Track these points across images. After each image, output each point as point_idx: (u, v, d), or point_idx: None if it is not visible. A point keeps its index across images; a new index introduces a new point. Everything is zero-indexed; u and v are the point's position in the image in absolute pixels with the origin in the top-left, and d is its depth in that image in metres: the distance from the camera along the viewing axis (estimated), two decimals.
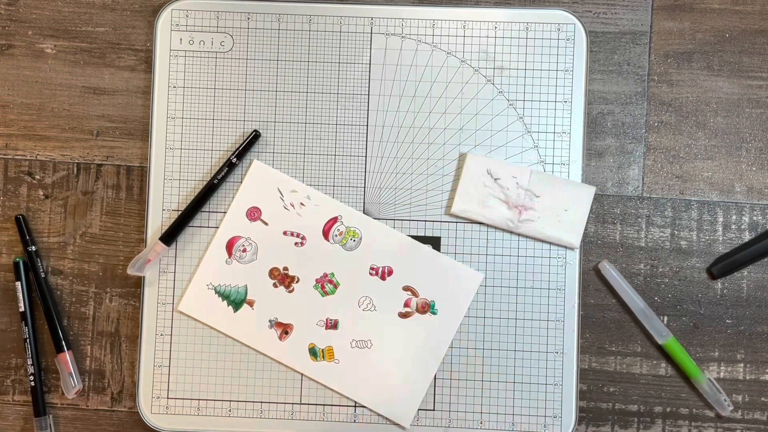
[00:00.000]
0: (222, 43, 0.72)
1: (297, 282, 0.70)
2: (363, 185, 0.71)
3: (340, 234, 0.70)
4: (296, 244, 0.70)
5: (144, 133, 0.72)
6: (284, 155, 0.71)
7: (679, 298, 0.71)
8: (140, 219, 0.72)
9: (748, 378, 0.70)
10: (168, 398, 0.71)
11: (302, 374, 0.70)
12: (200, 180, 0.71)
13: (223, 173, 0.70)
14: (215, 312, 0.70)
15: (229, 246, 0.70)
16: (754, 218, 0.71)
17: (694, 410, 0.70)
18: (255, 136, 0.70)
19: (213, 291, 0.70)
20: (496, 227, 0.69)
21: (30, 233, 0.72)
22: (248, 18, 0.72)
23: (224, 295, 0.70)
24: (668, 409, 0.70)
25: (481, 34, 0.71)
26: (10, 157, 0.73)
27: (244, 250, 0.70)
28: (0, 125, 0.73)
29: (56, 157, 0.73)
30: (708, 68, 0.71)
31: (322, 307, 0.70)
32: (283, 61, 0.72)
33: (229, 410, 0.70)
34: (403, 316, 0.70)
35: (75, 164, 0.73)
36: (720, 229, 0.71)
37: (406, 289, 0.70)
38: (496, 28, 0.71)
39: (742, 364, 0.70)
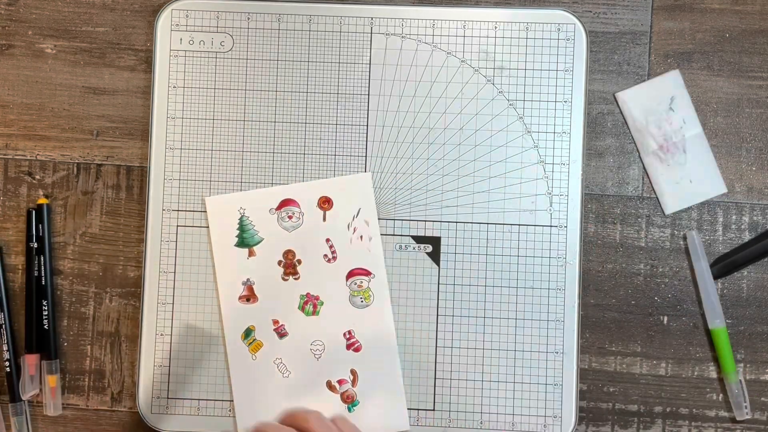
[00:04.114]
0: (222, 43, 0.72)
1: (296, 277, 0.70)
2: None
3: (359, 287, 0.70)
4: (326, 256, 0.70)
5: (144, 133, 0.72)
6: (284, 155, 0.71)
7: (679, 298, 0.71)
8: (140, 219, 0.72)
9: (748, 378, 0.70)
10: (168, 398, 0.70)
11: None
12: (200, 180, 0.71)
13: None
14: (222, 231, 0.70)
15: (283, 203, 0.70)
16: (754, 218, 0.71)
17: (694, 410, 0.70)
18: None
19: (239, 215, 0.70)
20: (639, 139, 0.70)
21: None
22: (248, 18, 0.72)
23: (242, 227, 0.70)
24: (668, 409, 0.70)
25: (481, 34, 0.71)
26: (10, 157, 0.73)
27: (290, 217, 0.70)
28: (0, 125, 0.73)
29: (56, 157, 0.73)
30: (708, 68, 0.71)
31: (285, 303, 0.70)
32: (283, 61, 0.72)
33: (229, 410, 0.70)
34: (330, 388, 0.69)
35: (75, 164, 0.73)
36: (720, 229, 0.71)
37: (354, 372, 0.69)
38: (496, 28, 0.71)
39: (742, 364, 0.70)
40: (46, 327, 0.71)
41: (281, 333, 0.70)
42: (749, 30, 0.71)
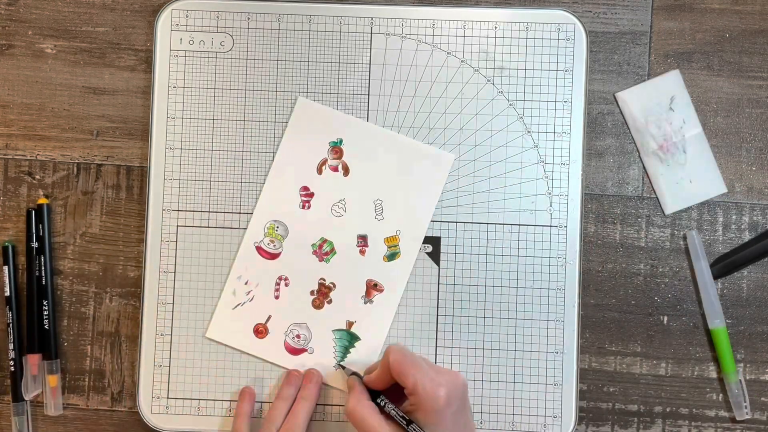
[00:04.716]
0: (222, 43, 0.72)
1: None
2: None
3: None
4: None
5: (144, 133, 0.72)
6: None
7: (679, 298, 0.71)
8: (140, 219, 0.72)
9: (748, 378, 0.70)
10: (168, 398, 0.71)
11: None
12: (200, 180, 0.71)
13: None
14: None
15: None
16: (754, 218, 0.71)
17: (694, 410, 0.70)
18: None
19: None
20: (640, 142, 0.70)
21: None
22: (248, 18, 0.72)
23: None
24: (668, 409, 0.70)
25: (481, 34, 0.71)
26: (10, 157, 0.73)
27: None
28: (0, 125, 0.73)
29: (56, 157, 0.73)
30: (708, 68, 0.71)
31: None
32: (283, 61, 0.72)
33: (229, 410, 0.70)
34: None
35: (75, 164, 0.73)
36: (720, 229, 0.71)
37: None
38: (496, 28, 0.71)
39: (742, 364, 0.70)
40: (46, 327, 0.71)
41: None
42: (749, 30, 0.71)
